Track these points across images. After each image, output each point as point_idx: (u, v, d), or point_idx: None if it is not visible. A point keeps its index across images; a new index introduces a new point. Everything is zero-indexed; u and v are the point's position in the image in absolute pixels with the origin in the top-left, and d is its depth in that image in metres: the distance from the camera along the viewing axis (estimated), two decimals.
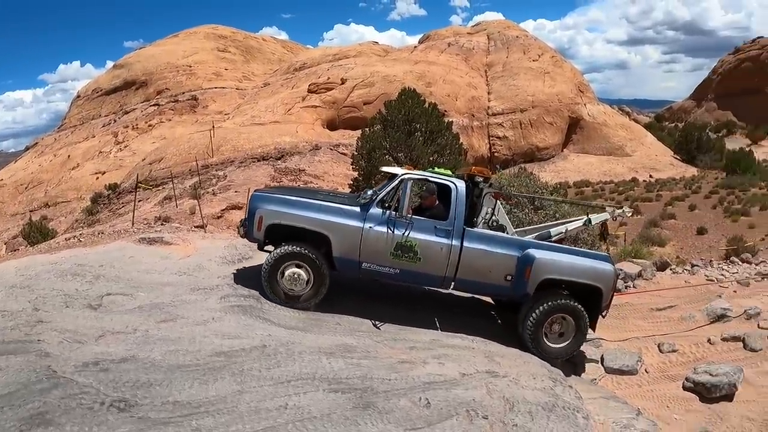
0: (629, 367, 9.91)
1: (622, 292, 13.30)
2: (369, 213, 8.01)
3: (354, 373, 6.15)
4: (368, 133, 26.32)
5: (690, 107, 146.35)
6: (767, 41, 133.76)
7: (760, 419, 8.69)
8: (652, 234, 24.78)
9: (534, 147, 65.49)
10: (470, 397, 6.08)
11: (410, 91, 27.53)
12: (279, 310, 7.91)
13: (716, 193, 40.06)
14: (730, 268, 15.69)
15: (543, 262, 7.98)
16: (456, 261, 8.04)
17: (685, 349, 10.77)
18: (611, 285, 8.32)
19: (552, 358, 8.13)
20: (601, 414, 7.30)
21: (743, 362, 10.18)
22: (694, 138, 72.44)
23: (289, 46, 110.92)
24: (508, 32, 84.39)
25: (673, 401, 9.14)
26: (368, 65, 68.01)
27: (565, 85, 73.85)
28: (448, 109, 57.84)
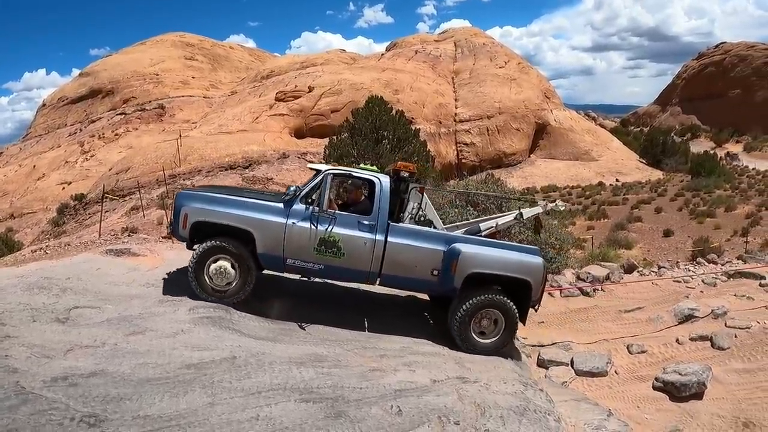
0: (599, 369, 10.04)
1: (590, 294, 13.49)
2: (292, 209, 7.98)
3: (325, 382, 6.11)
4: (336, 141, 26.34)
5: (655, 112, 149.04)
6: (730, 46, 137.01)
7: (730, 416, 8.85)
8: (619, 237, 25.06)
9: (501, 153, 65.95)
10: (442, 404, 6.07)
11: (377, 98, 27.66)
12: (248, 321, 7.85)
13: (682, 196, 40.74)
14: (697, 268, 16.00)
15: (469, 255, 7.95)
16: (380, 256, 7.99)
17: (654, 349, 10.95)
18: (540, 278, 8.22)
19: (481, 353, 8.07)
20: (572, 416, 7.35)
21: (712, 361, 10.39)
22: (659, 142, 73.67)
23: (256, 54, 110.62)
24: (475, 39, 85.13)
25: (644, 401, 9.27)
26: (335, 73, 68.00)
27: (531, 91, 74.60)
28: (416, 117, 58.07)
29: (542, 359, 10.27)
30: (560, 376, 9.76)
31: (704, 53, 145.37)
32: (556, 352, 10.53)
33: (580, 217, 33.60)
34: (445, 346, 8.11)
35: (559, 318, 12.24)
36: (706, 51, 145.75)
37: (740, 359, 10.54)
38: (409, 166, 8.81)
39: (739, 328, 11.62)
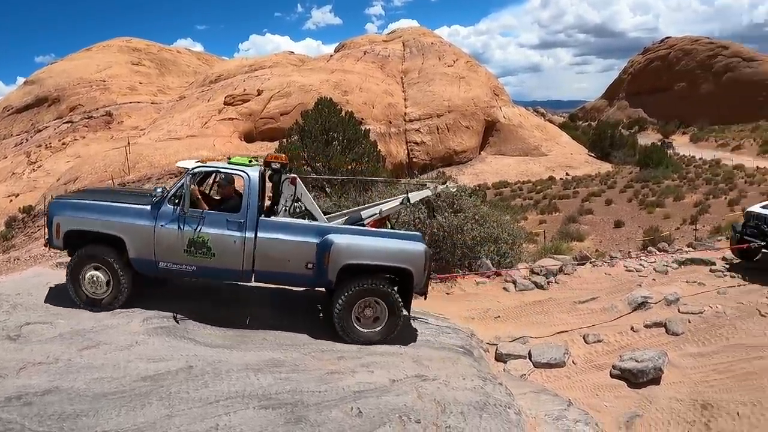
0: (557, 360, 10.18)
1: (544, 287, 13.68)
2: (160, 211, 7.85)
3: (283, 387, 6.11)
4: (285, 144, 26.14)
5: (602, 106, 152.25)
6: (675, 41, 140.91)
7: (688, 399, 9.09)
8: (571, 230, 25.46)
9: (452, 151, 66.42)
10: (401, 403, 6.12)
11: (326, 100, 27.51)
12: (204, 329, 7.75)
13: (631, 187, 41.60)
14: (648, 257, 16.35)
15: (341, 247, 7.84)
16: (251, 253, 7.87)
17: (609, 338, 11.16)
18: (422, 264, 8.05)
19: (366, 343, 7.95)
20: (532, 408, 7.46)
21: (667, 346, 10.67)
22: (607, 135, 75.18)
23: (204, 58, 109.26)
24: (423, 39, 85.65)
25: (603, 389, 9.44)
26: (284, 75, 67.66)
27: (480, 89, 75.36)
28: (366, 117, 58.07)
29: (500, 353, 10.33)
30: (519, 369, 9.85)
31: (650, 48, 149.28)
32: (513, 346, 10.62)
33: (532, 211, 34.05)
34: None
35: (515, 312, 12.35)
36: (652, 46, 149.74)
37: (695, 343, 10.85)
38: (279, 157, 8.70)
39: (692, 313, 11.97)
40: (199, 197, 8.15)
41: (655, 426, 8.45)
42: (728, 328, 11.30)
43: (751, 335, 11.02)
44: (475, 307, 12.48)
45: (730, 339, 10.91)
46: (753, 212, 15.39)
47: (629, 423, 8.46)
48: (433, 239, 13.58)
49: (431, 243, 13.58)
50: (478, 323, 11.69)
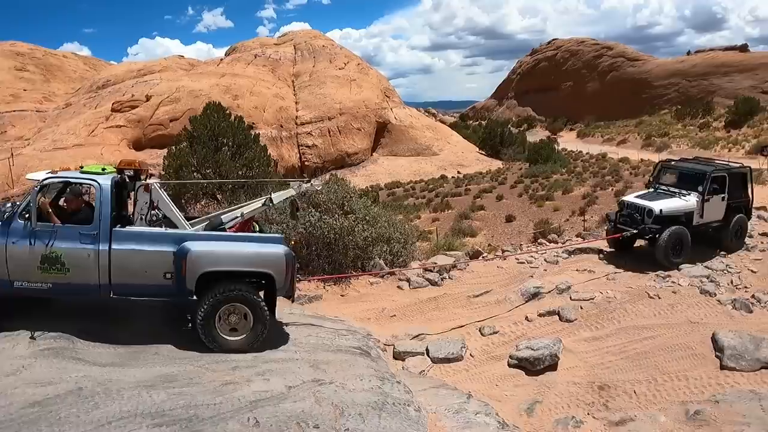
0: (455, 354, 10.30)
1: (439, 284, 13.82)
2: (11, 227, 7.47)
3: (177, 403, 5.97)
4: (174, 151, 25.51)
5: (492, 105, 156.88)
6: (562, 42, 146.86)
7: (585, 382, 9.41)
8: (463, 226, 25.85)
9: (344, 153, 66.49)
10: (299, 409, 6.09)
11: (215, 105, 27.19)
12: (93, 348, 7.41)
13: (521, 183, 42.75)
14: (539, 249, 16.85)
15: (197, 254, 7.62)
16: (107, 266, 7.57)
17: (505, 329, 11.41)
18: (282, 267, 7.90)
19: (234, 351, 7.77)
20: (432, 403, 7.51)
21: (561, 333, 11.03)
22: (497, 134, 77.15)
23: (91, 63, 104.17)
24: (315, 42, 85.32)
25: (502, 379, 9.63)
26: (174, 80, 65.68)
27: (371, 91, 75.80)
28: (256, 121, 57.25)
29: (398, 351, 10.35)
30: (417, 366, 9.90)
31: (537, 49, 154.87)
32: (410, 343, 10.67)
33: (425, 210, 34.43)
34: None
35: (410, 310, 12.42)
36: (540, 47, 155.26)
37: (588, 328, 11.26)
38: (132, 163, 8.47)
39: (583, 300, 12.43)
40: (50, 210, 7.64)
41: (556, 410, 8.67)
42: (619, 311, 11.80)
43: (642, 317, 11.55)
44: (371, 308, 12.50)
45: (621, 322, 11.39)
46: (626, 201, 16.19)
47: (530, 410, 8.65)
48: (325, 241, 13.50)
49: (323, 245, 13.50)
50: (375, 323, 11.72)
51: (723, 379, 9.29)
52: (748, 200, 16.63)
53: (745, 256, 15.24)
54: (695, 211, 15.17)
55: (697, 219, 15.24)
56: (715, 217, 15.62)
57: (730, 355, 9.69)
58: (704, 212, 15.29)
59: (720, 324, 11.04)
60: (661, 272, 13.88)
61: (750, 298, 12.36)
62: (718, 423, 7.86)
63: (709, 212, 15.39)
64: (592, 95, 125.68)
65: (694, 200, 15.20)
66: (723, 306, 12.03)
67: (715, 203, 15.47)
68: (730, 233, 15.83)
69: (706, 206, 15.27)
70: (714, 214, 15.55)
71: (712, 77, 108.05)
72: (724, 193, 15.63)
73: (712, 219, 15.56)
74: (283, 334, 8.94)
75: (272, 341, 8.42)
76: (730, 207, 15.83)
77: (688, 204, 15.15)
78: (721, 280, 13.40)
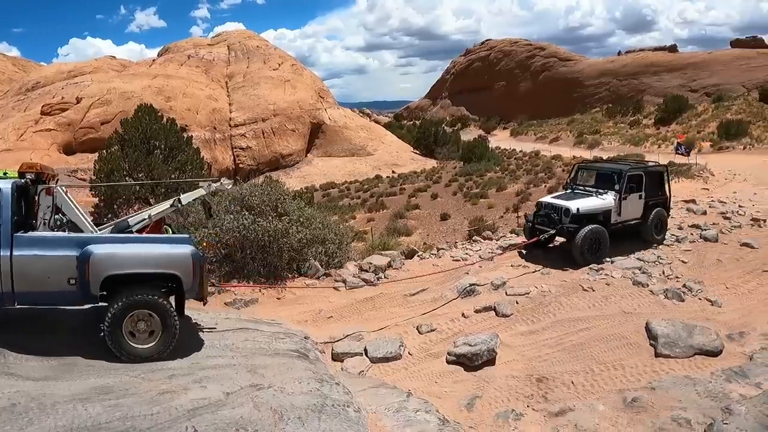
0: (393, 353, 10.32)
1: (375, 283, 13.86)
2: None
3: (114, 415, 5.85)
4: (106, 155, 25.20)
5: (426, 105, 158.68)
6: (495, 43, 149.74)
7: (523, 375, 9.56)
8: (398, 226, 26.06)
9: (278, 155, 66.36)
10: (238, 416, 6.06)
11: (147, 107, 27.05)
12: (26, 362, 7.15)
13: (456, 181, 43.35)
14: (474, 246, 17.09)
15: (99, 257, 7.40)
16: (9, 273, 7.27)
17: (442, 326, 11.51)
18: (189, 268, 7.73)
19: (144, 360, 7.53)
20: (372, 403, 7.53)
21: (498, 328, 11.18)
22: (431, 133, 78.07)
23: (20, 64, 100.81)
24: (249, 42, 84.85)
25: (441, 376, 9.69)
26: (105, 82, 64.30)
27: (305, 92, 75.88)
28: (190, 124, 56.80)
29: (336, 353, 10.34)
30: (356, 367, 9.88)
31: (471, 50, 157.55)
32: (348, 344, 10.66)
33: (360, 210, 34.56)
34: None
35: (347, 310, 12.44)
36: (473, 48, 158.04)
37: (524, 322, 11.46)
38: (34, 166, 8.20)
39: (518, 295, 12.65)
40: None
41: (496, 404, 8.77)
42: (554, 305, 12.06)
43: (576, 309, 11.83)
44: (308, 310, 12.45)
45: (557, 315, 11.65)
46: (543, 202, 16.36)
47: (470, 405, 8.71)
48: (260, 244, 13.39)
49: (257, 248, 13.39)
50: (312, 325, 11.67)
51: (658, 367, 9.57)
52: (665, 197, 17.03)
53: (676, 248, 15.77)
54: (613, 210, 15.46)
55: (615, 217, 15.55)
56: (634, 214, 16.00)
57: (664, 343, 10.01)
58: (622, 210, 15.61)
59: (653, 313, 11.40)
60: (595, 265, 14.23)
61: (681, 287, 12.84)
62: (655, 409, 8.08)
63: (626, 210, 15.73)
64: (525, 94, 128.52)
65: (612, 199, 15.46)
66: (655, 296, 12.45)
67: (633, 201, 15.83)
68: (650, 229, 16.19)
69: (624, 204, 15.60)
70: (632, 212, 15.91)
71: (642, 76, 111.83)
72: (642, 191, 15.99)
73: (630, 217, 15.92)
74: (219, 339, 8.82)
75: (208, 347, 8.33)
76: (648, 204, 16.19)
77: (606, 203, 15.39)
78: (652, 271, 13.84)
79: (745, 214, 19.15)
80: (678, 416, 7.78)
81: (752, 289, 13.08)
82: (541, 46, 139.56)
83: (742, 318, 11.46)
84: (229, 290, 12.78)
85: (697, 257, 15.08)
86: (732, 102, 72.47)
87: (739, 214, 19.21)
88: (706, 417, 7.66)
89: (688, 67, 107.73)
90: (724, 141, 49.92)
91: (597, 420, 8.05)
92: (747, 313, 11.70)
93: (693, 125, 64.75)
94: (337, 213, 30.15)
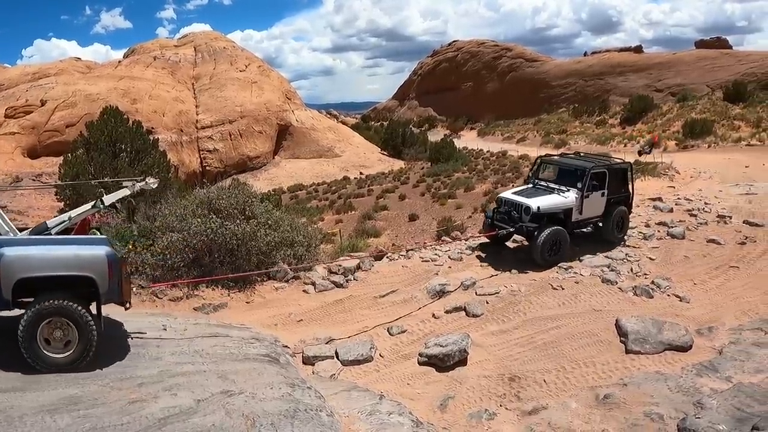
0: (364, 356, 10.33)
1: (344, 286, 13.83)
2: None
3: (83, 426, 5.75)
4: (71, 159, 25.15)
5: (394, 106, 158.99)
6: (462, 44, 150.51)
7: (495, 375, 9.64)
8: (367, 227, 25.97)
9: (246, 157, 65.97)
10: (210, 423, 6.01)
11: (112, 109, 26.98)
12: None
13: (423, 182, 43.32)
14: (443, 246, 17.10)
15: (9, 260, 7.09)
16: None
17: (413, 328, 11.53)
18: (104, 269, 7.38)
19: (60, 369, 7.17)
20: (345, 407, 7.52)
21: (469, 328, 11.25)
22: (399, 134, 78.13)
23: None
24: (215, 43, 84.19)
25: (413, 378, 9.72)
26: (70, 84, 63.14)
27: (272, 93, 75.48)
28: (156, 126, 56.13)
29: (307, 356, 10.30)
30: (328, 370, 9.89)
31: (438, 51, 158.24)
32: (319, 348, 10.62)
33: (328, 212, 34.44)
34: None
35: (317, 313, 12.38)
36: (440, 48, 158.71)
37: (495, 322, 11.54)
38: None
39: (489, 294, 12.76)
40: None
41: (468, 404, 8.83)
42: (524, 303, 12.18)
43: (547, 308, 11.96)
44: (277, 313, 12.37)
45: (527, 314, 11.76)
46: (503, 198, 16.08)
47: (443, 406, 8.76)
48: (227, 248, 13.26)
49: (225, 252, 13.26)
50: (282, 329, 11.60)
51: (629, 363, 9.73)
52: (628, 195, 16.83)
53: (644, 245, 15.99)
54: (574, 208, 15.23)
55: (576, 215, 15.34)
56: (595, 212, 15.82)
57: (635, 340, 10.17)
58: (583, 209, 15.37)
59: (623, 310, 11.59)
60: (564, 263, 14.38)
61: (650, 284, 13.07)
62: (627, 405, 8.19)
63: (588, 208, 15.49)
64: (492, 95, 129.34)
65: (573, 197, 15.21)
66: (624, 293, 12.66)
67: (595, 199, 15.59)
68: (611, 227, 16.08)
69: (586, 203, 15.34)
70: (594, 209, 15.70)
71: (608, 77, 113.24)
72: (604, 189, 15.74)
73: (591, 215, 15.76)
74: (188, 345, 8.74)
75: (178, 354, 8.23)
76: (611, 202, 15.99)
77: (567, 201, 15.16)
78: (621, 269, 14.04)
79: (710, 211, 19.46)
80: (650, 411, 7.90)
81: (719, 284, 13.37)
82: (508, 47, 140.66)
83: (710, 313, 11.70)
84: (198, 295, 12.66)
85: (664, 254, 15.33)
86: (696, 101, 73.73)
87: (705, 212, 19.51)
88: (679, 412, 7.79)
89: (653, 68, 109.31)
90: (689, 140, 50.80)
91: (570, 417, 8.14)
92: (715, 309, 11.96)
93: (658, 124, 65.86)
94: (306, 215, 29.98)
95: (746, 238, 16.34)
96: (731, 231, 17.09)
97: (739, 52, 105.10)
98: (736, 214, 18.92)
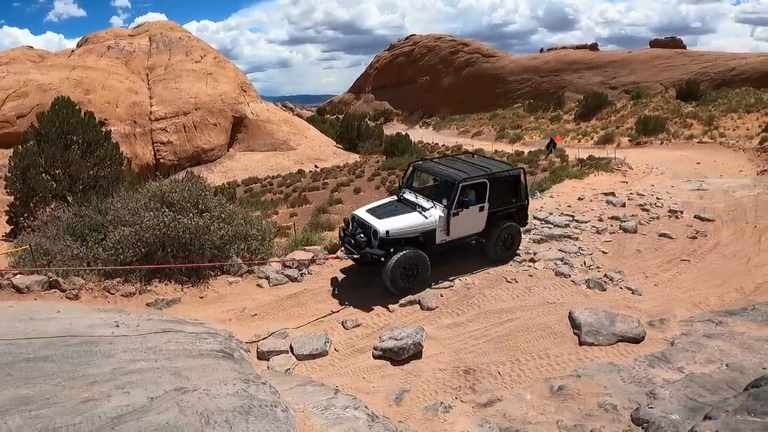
0: (319, 350, 10.30)
1: None
2: None
3: (34, 427, 5.62)
4: (21, 151, 24.76)
5: (350, 100, 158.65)
6: (419, 38, 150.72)
7: (451, 368, 9.69)
8: (321, 220, 25.81)
9: (200, 149, 65.30)
10: (163, 421, 5.93)
11: (64, 100, 26.46)
12: None
13: (378, 175, 43.35)
14: None
15: None
16: None
17: (368, 321, 11.54)
18: None
19: None
20: (300, 402, 7.48)
21: (423, 321, 11.29)
22: (354, 127, 78.31)
23: None
24: (171, 34, 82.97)
25: (368, 371, 9.72)
26: (21, 73, 61.48)
27: (228, 85, 74.84)
28: (109, 117, 55.27)
29: (261, 351, 10.26)
30: (283, 365, 9.84)
31: (395, 45, 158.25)
32: (274, 342, 10.56)
33: (283, 205, 34.21)
34: None
35: (271, 308, 12.30)
36: (397, 42, 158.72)
37: (449, 315, 11.60)
38: None
39: (443, 287, 12.76)
40: None
41: (424, 397, 8.86)
42: (479, 297, 12.25)
43: (501, 301, 12.06)
44: (231, 308, 12.27)
45: (481, 307, 11.84)
46: (357, 216, 13.52)
47: (398, 399, 8.78)
48: (181, 242, 13.11)
49: (179, 246, 13.13)
50: (236, 324, 11.51)
51: (583, 354, 9.89)
52: (521, 206, 14.54)
53: (597, 239, 16.25)
54: (437, 229, 12.83)
55: (442, 237, 12.96)
56: (472, 230, 13.62)
57: (588, 331, 10.33)
58: (452, 228, 12.93)
59: (576, 303, 11.77)
60: (518, 257, 14.52)
61: (603, 277, 13.31)
62: (581, 396, 8.31)
63: (459, 227, 13.13)
64: (449, 89, 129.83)
65: (438, 215, 12.79)
66: (578, 286, 12.84)
67: (471, 215, 13.28)
68: (492, 246, 14.03)
69: (455, 221, 12.92)
70: (469, 227, 13.46)
71: (564, 73, 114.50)
72: (485, 202, 13.41)
73: (466, 233, 13.48)
74: (141, 342, 8.58)
75: (130, 350, 8.09)
76: (496, 216, 13.83)
77: (427, 222, 12.69)
78: (574, 262, 14.26)
79: (662, 206, 19.93)
80: (604, 402, 8.03)
81: (671, 277, 13.68)
82: (464, 42, 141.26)
83: (661, 305, 11.95)
84: (150, 290, 12.47)
85: (617, 248, 15.61)
86: (650, 99, 75.07)
87: (657, 206, 19.98)
88: (632, 402, 7.94)
89: (608, 66, 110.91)
90: (642, 136, 51.78)
91: (525, 409, 8.24)
92: (666, 301, 12.22)
93: (612, 121, 67.00)
94: (260, 208, 29.78)
95: (697, 232, 16.78)
96: (682, 225, 17.51)
97: (693, 52, 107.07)
98: (687, 209, 19.41)
